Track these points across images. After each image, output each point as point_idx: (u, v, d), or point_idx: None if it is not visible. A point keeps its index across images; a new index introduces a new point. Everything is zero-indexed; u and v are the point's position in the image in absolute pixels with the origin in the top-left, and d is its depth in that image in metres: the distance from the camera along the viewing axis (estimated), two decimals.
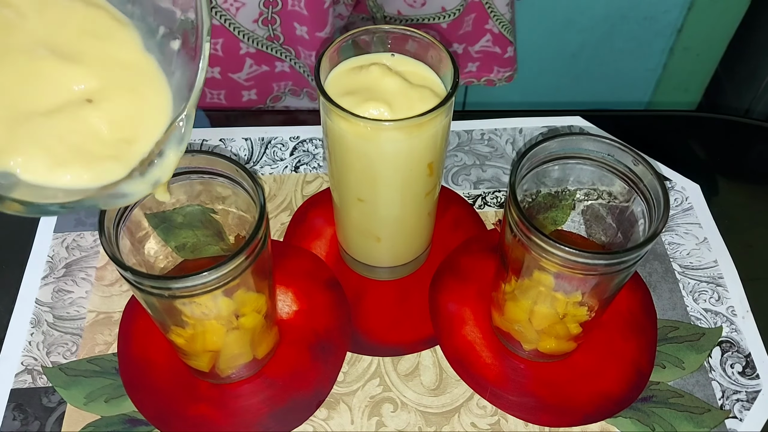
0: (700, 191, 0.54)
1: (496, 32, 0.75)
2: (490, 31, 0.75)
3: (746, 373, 0.45)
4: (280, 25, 0.65)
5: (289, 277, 0.48)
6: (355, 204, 0.43)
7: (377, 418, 0.42)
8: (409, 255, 0.48)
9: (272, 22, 0.65)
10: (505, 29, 0.75)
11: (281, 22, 0.65)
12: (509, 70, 0.80)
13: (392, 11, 0.72)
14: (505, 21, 0.74)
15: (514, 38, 0.77)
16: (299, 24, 0.65)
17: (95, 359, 0.44)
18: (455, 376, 0.44)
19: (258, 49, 0.67)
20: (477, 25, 0.75)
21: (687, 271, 0.50)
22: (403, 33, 0.40)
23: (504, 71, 0.80)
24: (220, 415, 0.42)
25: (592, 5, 1.11)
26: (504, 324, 0.44)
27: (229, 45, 0.66)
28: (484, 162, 0.56)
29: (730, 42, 1.16)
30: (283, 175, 0.55)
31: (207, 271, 0.32)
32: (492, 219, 0.52)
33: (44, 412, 0.42)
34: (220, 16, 0.63)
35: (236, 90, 0.70)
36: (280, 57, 0.68)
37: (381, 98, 0.37)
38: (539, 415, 0.42)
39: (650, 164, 0.37)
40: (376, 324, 0.46)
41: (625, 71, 1.22)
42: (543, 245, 0.34)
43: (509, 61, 0.79)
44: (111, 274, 0.49)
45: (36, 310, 0.47)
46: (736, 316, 0.47)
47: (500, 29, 0.74)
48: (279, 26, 0.65)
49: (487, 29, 0.75)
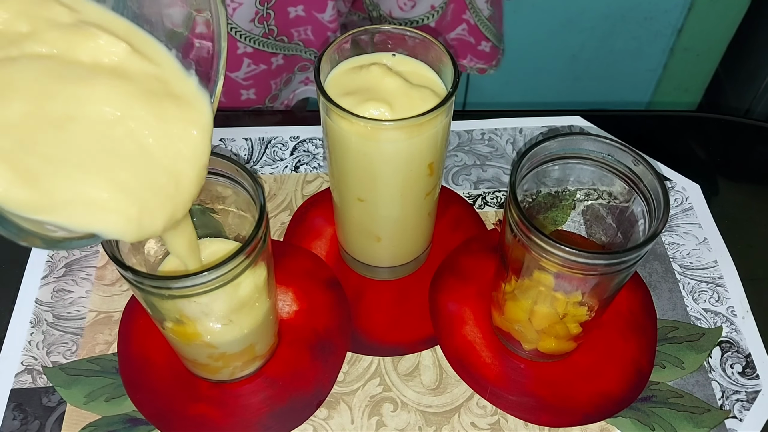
0: (700, 191, 0.54)
1: (472, 23, 0.77)
2: (466, 21, 0.77)
3: (746, 373, 0.45)
4: (274, 18, 0.65)
5: (289, 276, 0.48)
6: (355, 204, 0.43)
7: (377, 418, 0.42)
8: (409, 255, 0.48)
9: (267, 18, 0.65)
10: (481, 24, 0.76)
11: (275, 15, 0.65)
12: (483, 63, 0.82)
13: (384, 11, 0.73)
14: (482, 16, 0.76)
15: (494, 37, 0.79)
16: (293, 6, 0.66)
17: (95, 359, 0.44)
18: (455, 376, 0.44)
19: (255, 48, 0.67)
20: (455, 16, 0.76)
21: (687, 271, 0.50)
22: (403, 33, 0.40)
23: (477, 62, 0.81)
24: (220, 415, 0.42)
25: (592, 5, 1.11)
26: (504, 324, 0.44)
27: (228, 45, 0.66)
28: (484, 162, 0.56)
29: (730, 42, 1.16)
30: (283, 174, 0.55)
31: (207, 271, 0.32)
32: (492, 219, 0.52)
33: (44, 411, 0.42)
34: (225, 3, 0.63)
35: (235, 89, 0.71)
36: (274, 52, 0.69)
37: (381, 98, 0.37)
38: (539, 415, 0.42)
39: (650, 164, 0.37)
40: (376, 324, 0.46)
41: (625, 71, 1.22)
42: (543, 245, 0.34)
43: (483, 55, 0.80)
44: (111, 273, 0.49)
45: (36, 310, 0.47)
46: (736, 316, 0.47)
47: (476, 21, 0.76)
48: (273, 20, 0.65)
49: (464, 19, 0.77)
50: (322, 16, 0.67)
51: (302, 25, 0.68)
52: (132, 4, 0.30)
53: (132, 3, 0.30)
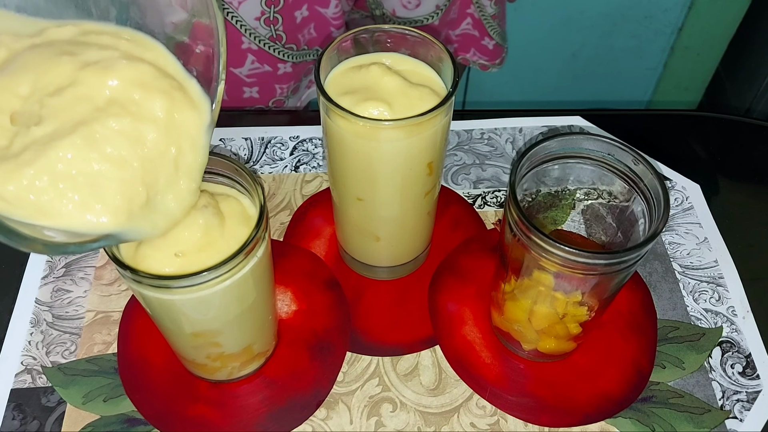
0: (700, 191, 0.54)
1: (476, 17, 0.77)
2: (471, 15, 0.77)
3: (746, 373, 0.45)
4: (282, 24, 0.65)
5: (288, 276, 0.48)
6: (354, 203, 0.42)
7: (376, 418, 0.42)
8: (409, 255, 0.48)
9: (274, 23, 0.65)
10: (485, 20, 0.76)
11: (283, 21, 0.65)
12: (486, 59, 0.82)
13: (387, 10, 0.73)
14: (486, 13, 0.76)
15: (498, 35, 0.79)
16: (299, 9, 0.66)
17: (94, 359, 0.44)
18: (455, 376, 0.44)
19: (260, 47, 0.67)
20: (460, 11, 0.77)
21: (687, 271, 0.50)
22: (403, 32, 0.40)
23: (481, 57, 0.81)
24: (219, 415, 0.42)
25: (592, 4, 1.11)
26: (504, 324, 0.43)
27: (231, 38, 0.66)
28: (483, 161, 0.56)
29: (731, 41, 1.16)
30: (282, 174, 0.55)
31: (207, 271, 0.32)
32: (492, 219, 0.52)
33: (44, 411, 0.42)
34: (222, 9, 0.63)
35: (237, 86, 0.70)
36: (282, 58, 0.68)
37: (381, 98, 0.37)
38: (539, 415, 0.42)
39: (650, 164, 0.37)
40: (376, 324, 0.46)
41: (625, 70, 1.22)
42: (543, 245, 0.34)
43: (487, 51, 0.81)
44: (110, 273, 0.48)
45: (36, 310, 0.46)
46: (737, 316, 0.47)
47: (479, 16, 0.76)
48: (281, 25, 0.65)
49: (468, 13, 0.77)
50: (325, 11, 0.67)
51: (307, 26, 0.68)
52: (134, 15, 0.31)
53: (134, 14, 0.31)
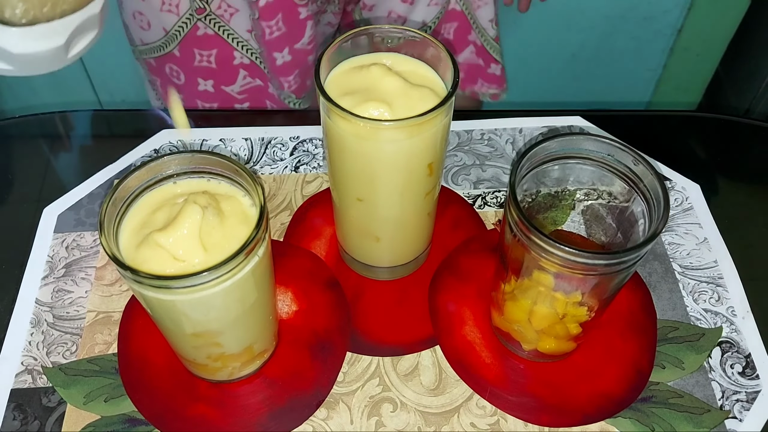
0: (700, 191, 0.54)
1: (479, 44, 0.74)
2: (473, 42, 0.74)
3: (746, 373, 0.45)
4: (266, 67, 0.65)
5: (288, 276, 0.48)
6: (354, 204, 0.43)
7: (377, 418, 0.42)
8: (409, 255, 0.48)
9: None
10: (488, 45, 0.74)
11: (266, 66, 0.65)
12: (495, 87, 0.79)
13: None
14: (488, 36, 0.73)
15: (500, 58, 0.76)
16: (279, 52, 0.65)
17: (95, 359, 0.44)
18: (455, 376, 0.44)
19: (252, 61, 0.67)
20: (460, 37, 0.74)
21: (687, 271, 0.50)
22: (403, 33, 0.40)
23: (489, 86, 0.79)
24: (220, 415, 0.42)
25: (592, 5, 1.11)
26: (503, 324, 0.44)
27: (224, 55, 0.65)
28: (483, 162, 0.56)
29: (730, 42, 1.16)
30: (283, 175, 0.55)
31: (207, 271, 0.32)
32: (492, 219, 0.52)
33: (44, 412, 0.42)
34: (214, 23, 0.63)
35: (229, 103, 0.70)
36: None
37: (381, 98, 0.37)
38: (539, 415, 0.42)
39: (650, 164, 0.37)
40: (376, 324, 0.46)
41: (625, 71, 1.22)
42: (543, 245, 0.34)
43: (494, 78, 0.78)
44: (111, 273, 0.49)
45: (36, 310, 0.47)
46: (736, 317, 0.47)
47: (482, 42, 0.74)
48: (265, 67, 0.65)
49: (470, 41, 0.74)
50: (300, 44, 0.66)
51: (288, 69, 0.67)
52: None
53: None
